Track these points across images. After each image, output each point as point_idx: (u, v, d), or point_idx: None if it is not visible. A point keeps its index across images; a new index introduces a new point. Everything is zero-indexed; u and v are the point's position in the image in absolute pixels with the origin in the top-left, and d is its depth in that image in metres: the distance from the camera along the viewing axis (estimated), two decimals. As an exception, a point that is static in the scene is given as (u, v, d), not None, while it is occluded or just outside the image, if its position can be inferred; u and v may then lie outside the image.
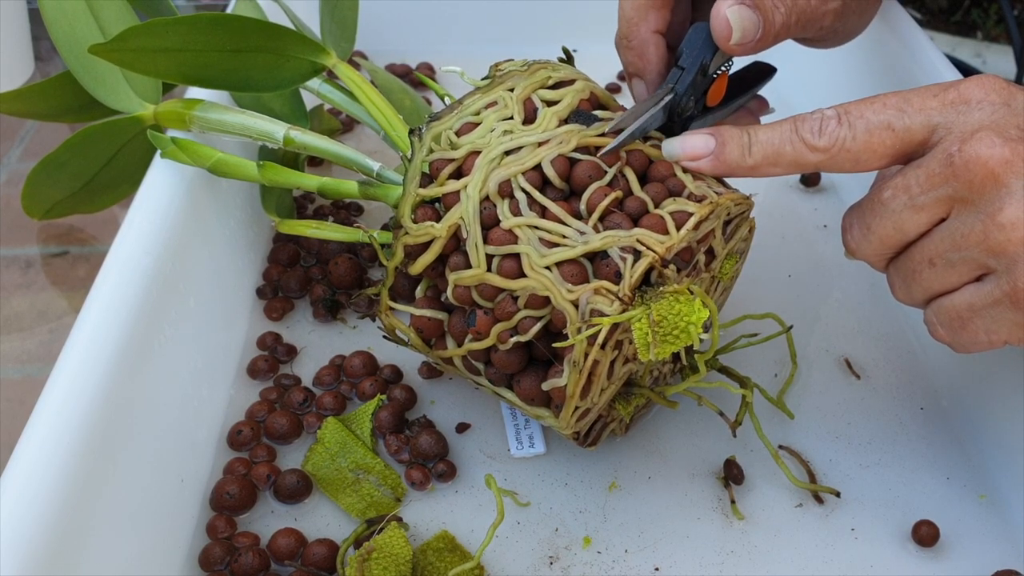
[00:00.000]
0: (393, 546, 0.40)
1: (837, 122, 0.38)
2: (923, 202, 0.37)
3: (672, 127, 0.44)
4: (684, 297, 0.37)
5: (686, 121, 0.44)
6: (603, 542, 0.44)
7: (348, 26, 0.63)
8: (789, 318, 0.53)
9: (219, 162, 0.49)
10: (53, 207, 0.61)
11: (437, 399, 0.51)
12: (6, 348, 0.57)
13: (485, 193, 0.41)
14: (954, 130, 0.37)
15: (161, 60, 0.46)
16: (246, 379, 0.52)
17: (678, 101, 0.43)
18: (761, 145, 0.39)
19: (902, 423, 0.49)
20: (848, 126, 0.38)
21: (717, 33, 0.42)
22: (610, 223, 0.39)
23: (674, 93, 0.43)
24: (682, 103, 0.43)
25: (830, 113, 0.39)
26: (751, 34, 0.42)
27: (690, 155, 0.41)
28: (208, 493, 0.45)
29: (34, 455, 0.35)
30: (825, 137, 0.38)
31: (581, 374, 0.39)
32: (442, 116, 0.43)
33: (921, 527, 0.43)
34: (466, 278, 0.41)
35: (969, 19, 0.85)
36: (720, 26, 0.41)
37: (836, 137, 0.38)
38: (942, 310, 0.38)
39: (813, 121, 0.39)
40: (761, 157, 0.39)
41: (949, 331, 0.38)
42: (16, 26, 0.79)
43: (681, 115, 0.44)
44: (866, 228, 0.39)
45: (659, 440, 0.48)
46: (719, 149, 0.40)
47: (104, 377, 0.39)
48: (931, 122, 0.37)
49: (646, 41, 0.45)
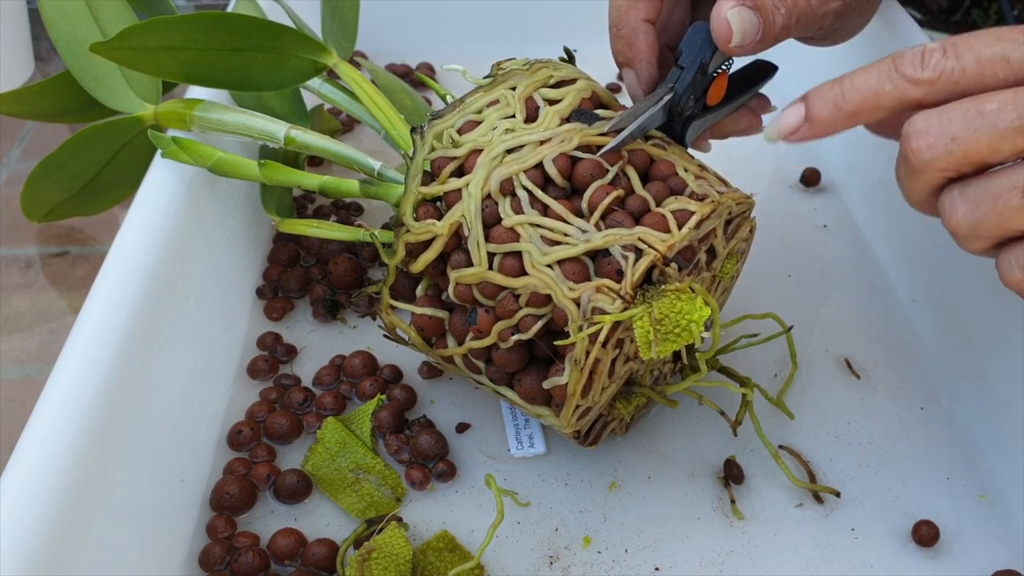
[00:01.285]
0: (393, 546, 0.40)
1: (943, 54, 0.35)
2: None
3: (672, 126, 0.44)
4: (686, 295, 0.37)
5: (686, 120, 0.44)
6: (603, 542, 0.44)
7: (349, 26, 0.63)
8: (789, 318, 0.53)
9: (220, 162, 0.49)
10: (53, 209, 0.61)
11: (437, 399, 0.51)
12: (6, 348, 0.57)
13: (487, 191, 0.41)
14: None
15: (162, 59, 0.46)
16: (246, 379, 0.51)
17: (677, 100, 0.43)
18: (858, 90, 0.36)
19: (902, 423, 0.49)
20: (956, 57, 0.35)
21: (717, 34, 0.41)
22: (612, 221, 0.39)
23: (673, 92, 0.43)
24: (682, 102, 0.43)
25: (934, 46, 0.35)
26: (751, 36, 0.41)
27: (786, 132, 0.38)
28: (208, 493, 0.45)
29: (34, 455, 0.35)
30: (929, 69, 0.35)
31: (582, 372, 0.39)
32: (444, 114, 0.43)
33: (921, 527, 0.43)
34: (467, 276, 0.41)
35: (969, 19, 0.85)
36: (720, 27, 0.41)
37: (942, 68, 0.35)
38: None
39: (914, 55, 0.35)
40: (860, 101, 0.36)
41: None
42: (16, 26, 0.79)
43: (681, 114, 0.44)
44: (950, 137, 0.34)
45: (659, 440, 0.48)
46: (809, 113, 0.37)
47: (104, 377, 0.39)
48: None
49: (636, 30, 0.45)
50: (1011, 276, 0.35)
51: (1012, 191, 0.34)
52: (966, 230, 0.35)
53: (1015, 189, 0.34)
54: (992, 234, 0.35)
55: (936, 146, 0.35)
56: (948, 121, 0.35)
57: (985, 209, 0.35)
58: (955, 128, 0.35)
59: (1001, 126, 0.34)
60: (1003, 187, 0.34)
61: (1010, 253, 0.35)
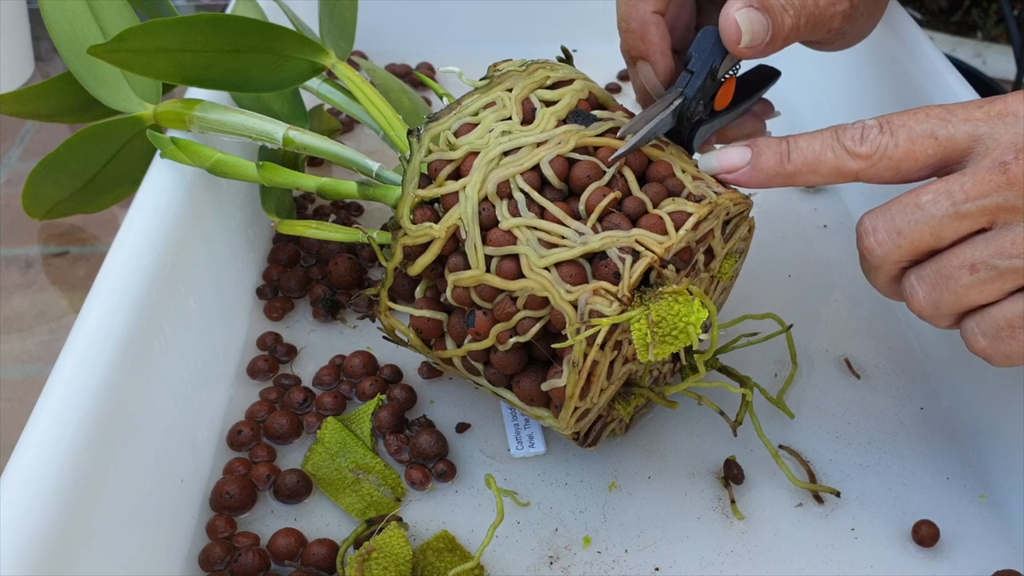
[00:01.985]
0: (393, 546, 0.41)
1: (879, 130, 0.38)
2: (968, 210, 0.36)
3: (680, 131, 0.44)
4: (683, 297, 0.37)
5: (694, 126, 0.44)
6: (603, 542, 0.44)
7: (347, 26, 0.63)
8: (789, 318, 0.53)
9: (219, 162, 0.49)
10: (54, 207, 0.61)
11: (437, 399, 0.51)
12: (6, 348, 0.58)
13: (484, 194, 0.41)
14: (1002, 141, 0.36)
15: (161, 61, 0.46)
16: (246, 379, 0.52)
17: (687, 105, 0.43)
18: (801, 152, 0.39)
19: (902, 423, 0.49)
20: (890, 134, 0.38)
21: (726, 36, 0.41)
22: (609, 223, 0.39)
23: (684, 97, 0.43)
24: (691, 107, 0.43)
25: (871, 122, 0.39)
26: (760, 37, 0.41)
27: (727, 168, 0.41)
28: (208, 493, 0.45)
29: (34, 455, 0.35)
30: (867, 144, 0.38)
31: (580, 374, 0.39)
32: (440, 117, 0.43)
33: (921, 527, 0.43)
34: (465, 279, 0.41)
35: (969, 19, 0.85)
36: (729, 29, 0.41)
37: (878, 144, 0.38)
38: (988, 321, 0.37)
39: (855, 129, 0.39)
40: (801, 163, 0.39)
41: (995, 342, 0.37)
42: (16, 26, 0.80)
43: (690, 119, 0.44)
44: (896, 232, 0.38)
45: (659, 440, 0.48)
46: (755, 159, 0.40)
47: (104, 377, 0.39)
48: (976, 132, 0.37)
49: (646, 22, 0.45)
50: (976, 344, 0.38)
51: (961, 269, 0.37)
52: (929, 311, 0.38)
53: (963, 268, 0.37)
54: (952, 311, 0.38)
55: (886, 243, 0.38)
56: (891, 218, 0.38)
57: (941, 289, 0.37)
58: (899, 223, 0.38)
59: (938, 215, 0.37)
60: (952, 267, 0.37)
61: (971, 322, 0.38)
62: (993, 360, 0.38)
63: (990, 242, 0.36)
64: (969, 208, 0.36)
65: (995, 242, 0.36)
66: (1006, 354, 0.38)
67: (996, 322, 0.37)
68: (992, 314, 0.37)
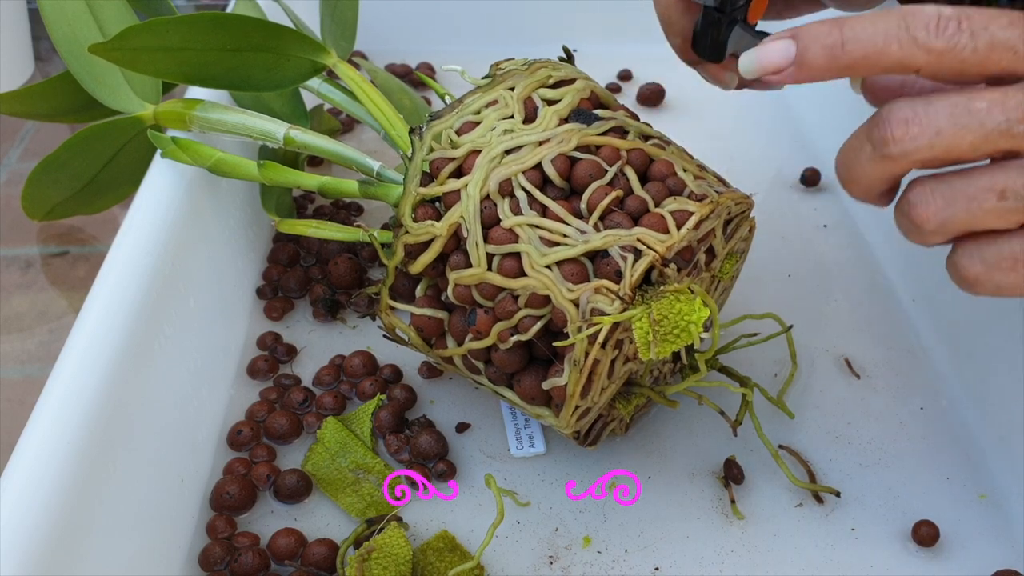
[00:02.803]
0: (393, 546, 0.40)
1: (958, 26, 0.34)
2: (1020, 131, 0.33)
3: (719, 21, 0.42)
4: (684, 296, 0.37)
5: (731, 22, 0.42)
6: (603, 542, 0.44)
7: (348, 26, 0.63)
8: (789, 318, 0.53)
9: (219, 162, 0.49)
10: (53, 208, 0.61)
11: (437, 399, 0.51)
12: (6, 348, 0.57)
13: (486, 192, 0.41)
14: None
15: (161, 59, 0.46)
16: (246, 379, 0.51)
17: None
18: (860, 43, 0.34)
19: (902, 423, 0.49)
20: (970, 34, 0.34)
21: None
22: (611, 222, 0.39)
23: None
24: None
25: (949, 12, 0.34)
26: None
27: (769, 68, 0.36)
28: (208, 493, 0.45)
29: (34, 455, 0.35)
30: (943, 39, 0.34)
31: (581, 373, 0.39)
32: (443, 115, 0.43)
33: (921, 527, 0.43)
34: (466, 277, 0.41)
35: (969, 19, 0.85)
36: None
37: (956, 42, 0.34)
38: (993, 249, 0.34)
39: (929, 18, 0.34)
40: (860, 55, 0.34)
41: (991, 270, 0.34)
42: (16, 26, 0.79)
43: (733, 4, 0.41)
44: (935, 130, 0.34)
45: (659, 440, 0.48)
46: (801, 55, 0.35)
47: (104, 377, 0.39)
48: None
49: None
50: (969, 268, 0.35)
51: (988, 192, 0.34)
52: (934, 225, 0.35)
53: (991, 191, 0.34)
54: (958, 231, 0.35)
55: (919, 137, 0.34)
56: (935, 113, 0.34)
57: (958, 208, 0.34)
58: (942, 122, 0.34)
59: (988, 126, 0.33)
60: (980, 187, 0.34)
61: (971, 246, 0.35)
62: (978, 287, 0.35)
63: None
64: (1022, 130, 0.33)
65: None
66: (998, 284, 0.35)
67: (1001, 252, 0.34)
68: (999, 244, 0.34)
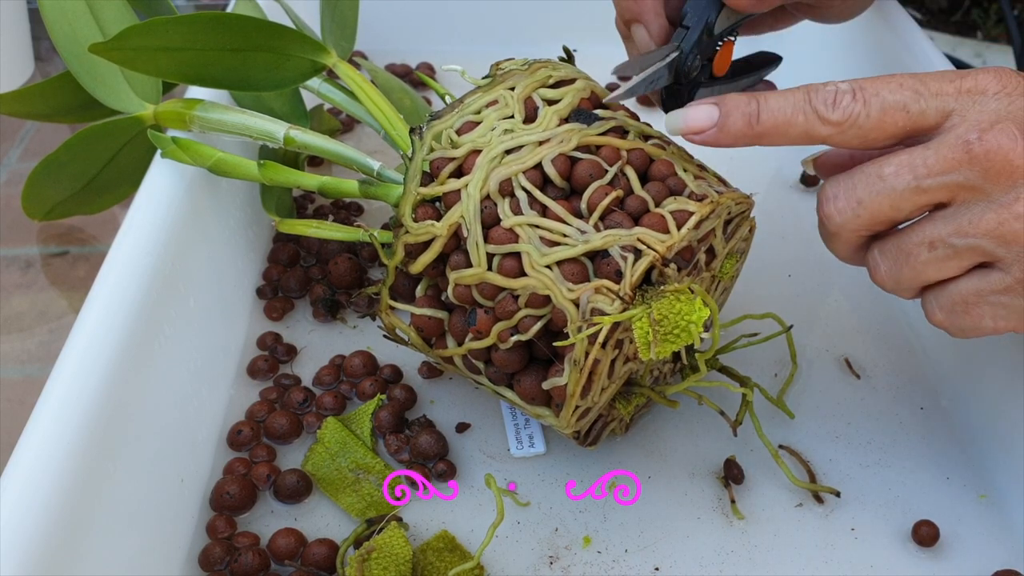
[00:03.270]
0: (393, 546, 0.40)
1: (852, 97, 0.37)
2: (929, 185, 0.36)
3: (679, 91, 0.44)
4: (685, 296, 0.37)
5: (693, 87, 0.44)
6: (603, 542, 0.44)
7: (348, 25, 0.63)
8: (789, 318, 0.53)
9: (219, 162, 0.49)
10: (53, 208, 0.61)
11: (437, 399, 0.51)
12: (6, 348, 0.57)
13: (486, 192, 0.41)
14: (969, 118, 0.36)
15: (161, 59, 0.46)
16: (246, 379, 0.51)
17: (684, 60, 0.43)
18: (771, 113, 0.38)
19: (902, 423, 0.49)
20: (863, 103, 0.37)
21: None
22: (611, 222, 0.39)
23: (680, 51, 0.43)
24: (688, 63, 0.43)
25: (845, 87, 0.38)
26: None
27: (693, 128, 0.40)
28: (208, 493, 0.45)
29: (34, 455, 0.35)
30: (839, 111, 0.37)
31: (582, 373, 0.39)
32: (443, 115, 0.43)
33: (921, 527, 0.43)
34: (467, 277, 0.41)
35: (969, 19, 0.85)
36: None
37: (850, 112, 0.37)
38: (944, 296, 0.38)
39: (827, 93, 0.38)
40: (771, 126, 0.38)
41: (950, 316, 0.38)
42: (16, 26, 0.79)
43: (688, 76, 0.44)
44: (856, 201, 0.38)
45: (659, 440, 0.48)
46: (723, 120, 0.39)
47: (104, 377, 0.39)
48: (946, 108, 0.37)
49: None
50: (933, 317, 0.39)
51: (920, 247, 0.37)
52: (891, 285, 0.39)
53: (922, 245, 0.37)
54: (912, 286, 0.39)
55: (845, 211, 0.38)
56: (853, 186, 0.38)
57: (901, 265, 0.38)
58: (860, 193, 0.38)
59: (899, 187, 0.37)
60: (912, 244, 0.38)
61: (930, 296, 0.39)
62: (951, 333, 0.39)
63: (948, 220, 0.37)
64: (930, 184, 0.36)
65: (953, 220, 0.36)
66: (961, 328, 0.38)
67: (952, 298, 0.38)
68: (949, 290, 0.38)
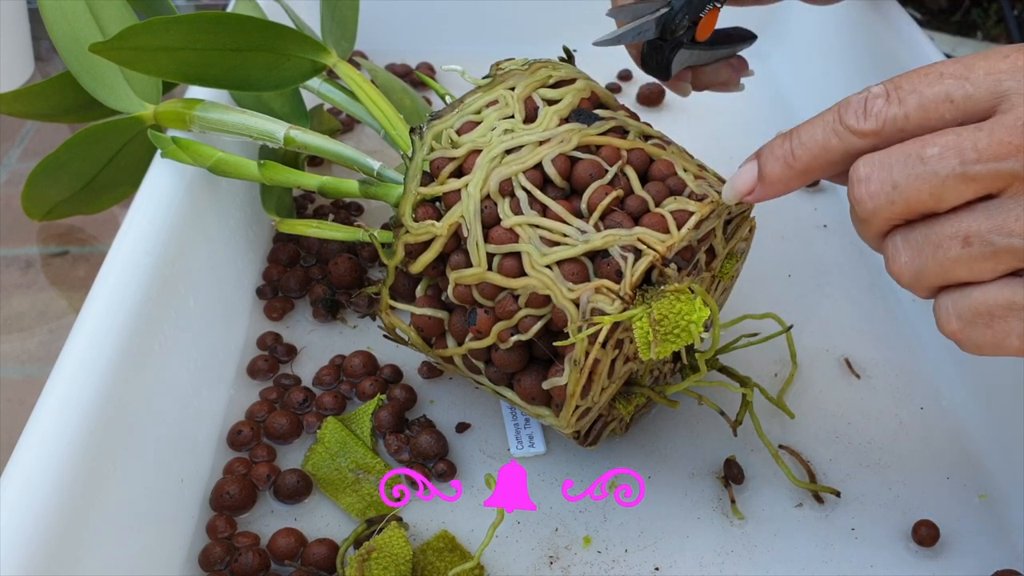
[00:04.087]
0: (393, 546, 0.40)
1: (885, 100, 0.33)
2: (978, 172, 0.31)
3: (662, 48, 0.46)
4: (685, 296, 0.37)
5: (675, 46, 0.46)
6: (603, 542, 0.44)
7: (348, 25, 0.63)
8: (789, 318, 0.53)
9: (219, 161, 0.49)
10: (53, 208, 0.61)
11: (437, 399, 0.51)
12: (6, 348, 0.57)
13: (486, 192, 0.41)
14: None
15: (161, 59, 0.46)
16: (246, 379, 0.51)
17: (672, 17, 0.44)
18: (806, 147, 0.35)
19: (902, 423, 0.49)
20: (898, 103, 0.33)
21: None
22: (611, 222, 0.39)
23: (670, 7, 0.44)
24: (676, 21, 0.44)
25: (877, 90, 0.34)
26: None
27: (742, 191, 0.37)
28: (208, 493, 0.45)
29: (34, 455, 0.35)
30: (872, 119, 0.33)
31: (582, 373, 0.39)
32: (443, 115, 0.43)
33: (921, 527, 0.43)
34: (467, 277, 0.41)
35: (969, 19, 0.85)
36: None
37: (885, 117, 0.33)
38: (966, 302, 0.33)
39: (857, 103, 0.34)
40: (809, 158, 0.35)
41: (968, 326, 0.33)
42: (16, 26, 0.79)
43: (673, 34, 0.45)
44: (891, 186, 0.33)
45: (659, 440, 0.48)
46: (762, 172, 0.36)
47: (104, 377, 0.39)
48: (999, 88, 0.32)
49: None
50: (947, 325, 0.33)
51: (953, 240, 0.32)
52: (908, 278, 0.34)
53: (956, 238, 0.32)
54: (934, 284, 0.33)
55: (878, 195, 0.33)
56: (889, 168, 0.33)
57: (926, 258, 0.33)
58: (896, 176, 0.33)
59: (942, 173, 0.32)
60: (944, 235, 0.32)
61: (947, 299, 0.33)
62: (962, 347, 0.34)
63: (992, 214, 0.31)
64: (979, 171, 0.31)
65: (998, 215, 0.31)
66: (977, 343, 0.33)
67: (975, 306, 0.32)
68: (972, 296, 0.32)
